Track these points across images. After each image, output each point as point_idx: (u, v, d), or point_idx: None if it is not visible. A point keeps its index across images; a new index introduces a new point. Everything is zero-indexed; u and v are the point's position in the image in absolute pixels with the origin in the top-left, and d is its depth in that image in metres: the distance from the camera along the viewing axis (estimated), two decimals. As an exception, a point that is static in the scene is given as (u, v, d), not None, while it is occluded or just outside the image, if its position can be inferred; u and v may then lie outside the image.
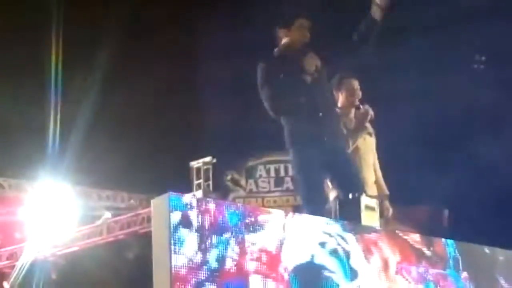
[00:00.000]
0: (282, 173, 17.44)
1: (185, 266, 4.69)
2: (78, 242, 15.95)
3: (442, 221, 14.99)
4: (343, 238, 5.35)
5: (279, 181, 17.38)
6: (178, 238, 4.68)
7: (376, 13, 6.38)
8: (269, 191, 17.38)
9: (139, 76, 15.09)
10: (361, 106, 7.00)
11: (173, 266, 4.63)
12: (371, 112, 6.95)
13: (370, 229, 5.51)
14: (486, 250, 6.04)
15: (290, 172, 17.38)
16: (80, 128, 15.04)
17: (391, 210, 6.98)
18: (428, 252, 5.72)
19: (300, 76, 6.38)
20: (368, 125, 6.97)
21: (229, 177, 17.36)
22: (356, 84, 7.02)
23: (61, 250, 15.93)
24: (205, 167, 16.75)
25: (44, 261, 15.77)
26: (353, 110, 7.07)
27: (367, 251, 5.42)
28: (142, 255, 13.89)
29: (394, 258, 5.54)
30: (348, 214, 5.70)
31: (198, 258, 4.73)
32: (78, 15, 14.55)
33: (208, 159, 16.75)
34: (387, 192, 7.07)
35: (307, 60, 6.43)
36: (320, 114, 6.36)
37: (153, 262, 4.77)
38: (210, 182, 16.69)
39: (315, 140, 6.36)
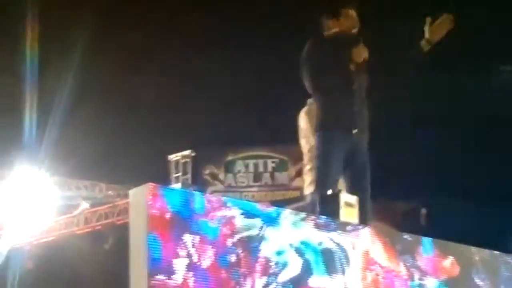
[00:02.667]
0: (261, 169, 17.46)
1: (163, 257, 4.67)
2: (55, 232, 15.92)
3: (420, 218, 15.06)
4: (328, 236, 5.34)
5: (257, 176, 17.39)
6: (155, 229, 4.66)
7: (424, 46, 6.41)
8: (248, 186, 17.39)
9: (118, 67, 15.04)
10: None
11: (150, 257, 4.61)
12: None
13: (353, 226, 5.51)
14: (462, 248, 6.06)
15: (269, 168, 17.41)
16: (58, 118, 14.97)
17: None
18: (405, 249, 5.73)
19: (346, 62, 6.34)
20: None
21: (207, 171, 17.35)
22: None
23: (37, 240, 15.89)
24: (183, 160, 16.75)
25: (20, 250, 15.72)
26: None
27: (352, 248, 5.42)
28: (118, 245, 13.87)
29: (375, 255, 5.55)
30: (327, 210, 5.69)
31: (176, 249, 4.71)
32: (54, 10, 14.48)
33: (187, 152, 16.75)
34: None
35: (357, 50, 6.39)
36: (355, 106, 6.33)
37: (130, 253, 4.75)
38: (189, 176, 16.71)
39: (345, 128, 6.30)
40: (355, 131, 6.37)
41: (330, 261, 5.34)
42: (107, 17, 14.70)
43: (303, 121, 6.73)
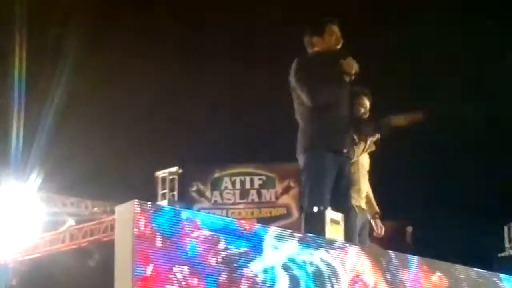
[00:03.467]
0: (247, 186, 17.43)
1: (148, 274, 4.66)
2: (40, 249, 15.84)
3: (406, 236, 15.07)
4: (314, 253, 5.33)
5: (244, 194, 17.36)
6: (141, 246, 4.65)
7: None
8: (234, 203, 17.36)
9: (105, 84, 15.04)
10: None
11: (135, 275, 4.60)
12: (378, 135, 6.90)
13: (339, 243, 5.51)
14: (447, 266, 6.06)
15: (256, 185, 17.39)
16: (45, 135, 14.95)
17: (383, 229, 6.95)
18: (392, 267, 5.73)
19: (339, 76, 6.35)
20: (373, 145, 6.91)
21: (194, 188, 17.31)
22: (367, 102, 6.94)
23: (22, 256, 15.80)
24: (170, 177, 16.72)
25: (5, 267, 15.63)
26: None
27: (338, 265, 5.41)
28: (104, 262, 13.81)
29: (362, 273, 5.55)
30: (313, 227, 5.69)
31: (162, 267, 4.70)
32: (42, 24, 14.49)
33: (174, 169, 16.71)
34: (377, 210, 7.04)
35: (347, 62, 6.40)
36: (343, 125, 6.33)
37: (115, 270, 4.73)
38: (175, 193, 16.67)
39: (335, 149, 6.30)
40: (345, 151, 6.40)
41: (318, 279, 5.33)
42: (94, 34, 14.72)
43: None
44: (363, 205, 6.93)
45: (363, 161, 6.98)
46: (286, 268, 5.24)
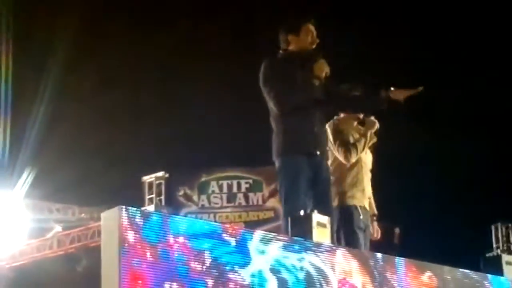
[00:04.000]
0: (234, 189, 17.42)
1: (135, 281, 4.64)
2: (27, 255, 15.79)
3: (393, 238, 15.07)
4: (302, 257, 5.32)
5: (231, 197, 17.35)
6: (127, 252, 4.63)
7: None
8: (221, 207, 17.34)
9: (91, 89, 15.01)
10: (366, 118, 6.87)
11: (122, 281, 4.58)
12: (377, 124, 6.84)
13: (327, 246, 5.50)
14: (434, 267, 6.06)
15: (243, 188, 17.38)
16: (31, 141, 14.90)
17: (379, 233, 6.91)
18: (380, 269, 5.73)
19: (310, 79, 6.28)
20: (374, 136, 6.86)
21: (181, 192, 17.28)
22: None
23: (9, 263, 15.75)
24: (157, 181, 16.69)
25: (-8, 274, 15.57)
26: (355, 123, 6.93)
27: (327, 268, 5.41)
28: (92, 268, 13.78)
29: (350, 275, 5.54)
30: (300, 231, 5.68)
31: (148, 272, 4.69)
32: (28, 29, 14.46)
33: (160, 173, 16.69)
34: (375, 211, 7.00)
35: (318, 66, 6.33)
36: (316, 127, 6.26)
37: (101, 276, 4.72)
38: (162, 197, 16.64)
39: (308, 152, 6.24)
40: (318, 152, 6.35)
41: (307, 281, 5.32)
42: (82, 40, 14.70)
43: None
44: (367, 205, 6.89)
45: (366, 160, 6.95)
46: (274, 271, 5.23)
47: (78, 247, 15.56)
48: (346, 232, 6.59)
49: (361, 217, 6.71)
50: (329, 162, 6.64)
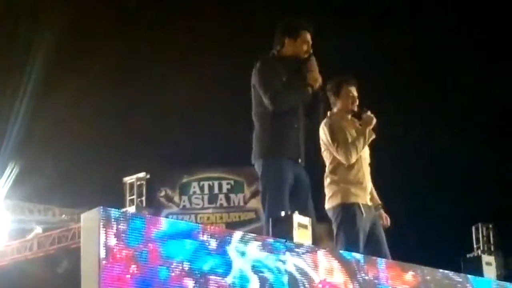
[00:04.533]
0: (216, 190, 17.42)
1: (115, 282, 4.62)
2: (7, 257, 15.72)
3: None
4: (284, 258, 5.32)
5: (212, 198, 17.35)
6: (107, 253, 4.62)
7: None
8: (203, 208, 17.34)
9: (73, 88, 14.96)
10: (364, 112, 6.88)
11: (102, 282, 4.56)
12: (375, 120, 6.85)
13: (308, 247, 5.50)
14: (415, 268, 6.08)
15: (224, 189, 17.38)
16: (11, 142, 14.84)
17: (388, 220, 6.95)
18: (361, 269, 5.74)
19: (304, 84, 6.33)
20: (372, 133, 6.86)
21: (162, 193, 17.27)
22: (354, 90, 6.87)
23: (-11, 265, 15.67)
24: (138, 182, 16.66)
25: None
26: (349, 117, 6.94)
27: (309, 268, 5.41)
28: (72, 269, 13.73)
29: (331, 276, 5.54)
30: (280, 232, 5.67)
31: (128, 273, 4.67)
32: (11, 17, 14.40)
33: (141, 174, 16.65)
34: (379, 201, 7.04)
35: (313, 75, 6.38)
36: (300, 133, 6.32)
37: (81, 277, 4.70)
38: (143, 198, 16.61)
39: (291, 157, 6.28)
40: (300, 160, 6.40)
41: (289, 281, 5.32)
42: (65, 37, 14.65)
43: (323, 133, 6.69)
44: (369, 202, 6.89)
45: (365, 155, 6.95)
46: (255, 271, 5.22)
47: (59, 248, 15.50)
48: (346, 231, 6.55)
49: (364, 215, 6.67)
50: (328, 161, 6.68)
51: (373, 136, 6.86)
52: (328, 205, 6.64)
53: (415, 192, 15.19)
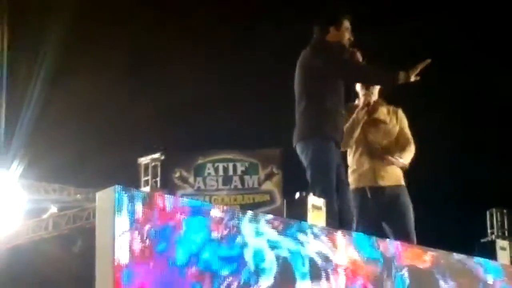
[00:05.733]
0: (230, 172, 17.43)
1: (129, 261, 4.63)
2: (23, 236, 15.81)
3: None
4: (301, 239, 5.33)
5: (227, 180, 17.36)
6: (122, 232, 4.62)
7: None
8: (217, 189, 17.36)
9: (87, 69, 14.98)
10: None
11: (116, 261, 4.57)
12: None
13: (325, 229, 5.50)
14: (431, 252, 6.08)
15: (239, 171, 17.39)
16: (27, 122, 14.88)
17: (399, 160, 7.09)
18: (375, 253, 5.73)
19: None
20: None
21: (177, 174, 17.30)
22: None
23: (5, 244, 15.75)
24: (153, 163, 16.70)
25: (-13, 254, 15.58)
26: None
27: (328, 251, 5.41)
28: (87, 249, 13.80)
29: (345, 258, 5.54)
30: (295, 213, 5.68)
31: (143, 252, 4.68)
32: (23, 15, 14.43)
33: (156, 155, 16.70)
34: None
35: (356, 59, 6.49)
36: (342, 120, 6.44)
37: (96, 256, 4.71)
38: (158, 179, 16.65)
39: (338, 141, 6.38)
40: (342, 149, 6.51)
41: (308, 262, 5.33)
42: (77, 23, 14.66)
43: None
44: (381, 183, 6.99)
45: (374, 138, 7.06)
46: (273, 249, 5.23)
47: (74, 228, 15.57)
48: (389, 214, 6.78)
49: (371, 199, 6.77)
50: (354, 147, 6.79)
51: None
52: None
53: (430, 177, 15.15)
